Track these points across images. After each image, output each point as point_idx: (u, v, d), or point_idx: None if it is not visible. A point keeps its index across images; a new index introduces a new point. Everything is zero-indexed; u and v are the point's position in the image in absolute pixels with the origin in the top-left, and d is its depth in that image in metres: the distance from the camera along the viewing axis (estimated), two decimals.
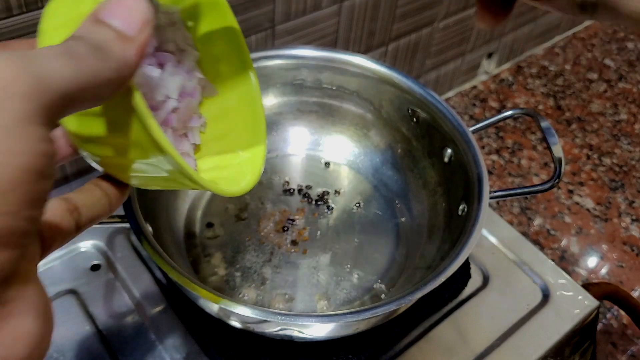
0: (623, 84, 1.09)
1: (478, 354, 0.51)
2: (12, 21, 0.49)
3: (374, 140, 0.62)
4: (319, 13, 0.70)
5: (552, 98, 1.04)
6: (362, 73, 0.58)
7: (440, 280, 0.41)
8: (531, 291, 0.57)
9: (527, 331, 0.53)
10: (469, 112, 0.99)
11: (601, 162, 0.93)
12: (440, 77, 0.98)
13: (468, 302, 0.55)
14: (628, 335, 0.72)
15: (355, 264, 0.54)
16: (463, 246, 0.44)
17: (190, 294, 0.43)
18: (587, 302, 0.56)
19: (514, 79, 1.07)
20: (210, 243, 0.54)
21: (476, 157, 0.50)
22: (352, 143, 0.63)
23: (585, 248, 0.80)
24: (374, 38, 0.79)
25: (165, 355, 0.48)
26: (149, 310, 0.51)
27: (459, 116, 0.53)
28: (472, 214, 0.47)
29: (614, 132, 0.99)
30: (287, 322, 0.39)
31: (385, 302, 0.40)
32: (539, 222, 0.83)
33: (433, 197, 0.56)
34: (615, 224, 0.84)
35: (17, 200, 0.17)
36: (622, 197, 0.88)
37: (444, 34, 0.89)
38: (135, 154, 0.26)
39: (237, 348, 0.48)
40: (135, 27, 0.22)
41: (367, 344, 0.49)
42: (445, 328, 0.53)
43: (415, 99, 0.56)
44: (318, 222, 0.57)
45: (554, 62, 1.12)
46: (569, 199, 0.87)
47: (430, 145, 0.56)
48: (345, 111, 0.62)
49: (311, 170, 0.62)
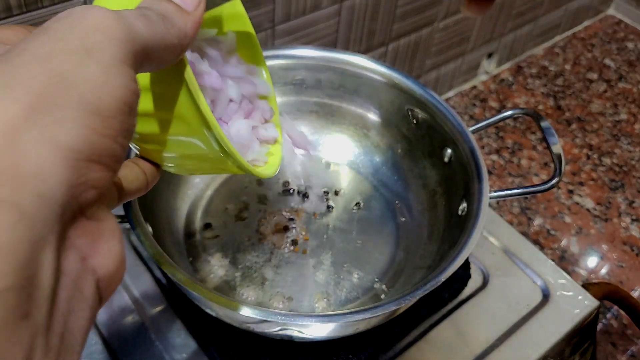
0: (623, 84, 1.09)
1: (478, 354, 0.51)
2: (12, 21, 0.49)
3: (374, 140, 0.62)
4: (318, 13, 0.70)
5: (552, 98, 1.04)
6: (362, 73, 0.58)
7: (440, 280, 0.41)
8: (531, 291, 0.57)
9: (527, 331, 0.53)
10: (469, 112, 0.99)
11: (601, 162, 0.93)
12: (440, 77, 0.98)
13: (468, 302, 0.55)
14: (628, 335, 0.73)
15: (355, 264, 0.54)
16: (463, 246, 0.44)
17: (190, 294, 0.43)
18: (587, 302, 0.56)
19: (514, 79, 1.07)
20: (210, 243, 0.54)
21: (476, 157, 0.50)
22: (352, 143, 0.63)
23: (585, 248, 0.80)
24: (374, 38, 0.79)
25: (165, 355, 0.48)
26: (149, 310, 0.51)
27: (459, 116, 0.53)
28: (472, 214, 0.47)
29: (614, 132, 0.99)
30: (287, 322, 0.39)
31: (385, 302, 0.40)
32: (539, 222, 0.83)
33: (433, 197, 0.56)
34: (615, 224, 0.84)
35: (116, 126, 0.20)
36: (622, 197, 0.88)
37: (444, 34, 0.89)
38: (178, 129, 0.28)
39: (237, 348, 0.48)
40: (192, 3, 0.25)
41: (367, 344, 0.49)
42: (445, 328, 0.53)
43: (415, 99, 0.56)
44: (318, 222, 0.57)
45: (554, 62, 1.12)
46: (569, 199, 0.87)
47: (430, 145, 0.56)
48: (345, 111, 0.62)
49: (311, 170, 0.62)
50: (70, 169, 0.18)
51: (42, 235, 0.17)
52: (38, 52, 0.19)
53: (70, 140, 0.18)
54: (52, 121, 0.18)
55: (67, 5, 0.50)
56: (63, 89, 0.18)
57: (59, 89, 0.18)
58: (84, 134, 0.19)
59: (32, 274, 0.16)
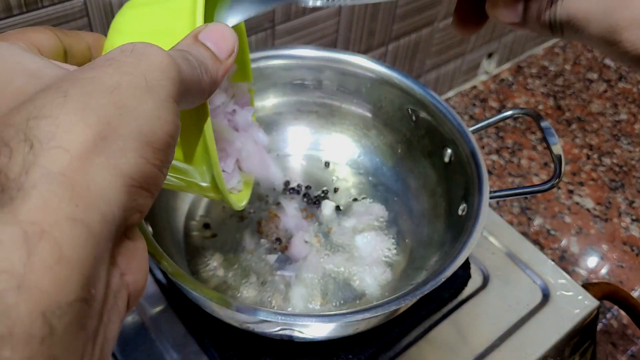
0: (623, 84, 1.09)
1: (478, 354, 0.51)
2: (12, 21, 0.49)
3: (374, 140, 0.62)
4: (319, 13, 0.70)
5: (552, 98, 1.04)
6: (362, 73, 0.58)
7: (440, 280, 0.41)
8: (531, 291, 0.57)
9: (527, 331, 0.53)
10: (469, 112, 0.99)
11: (601, 162, 0.93)
12: (440, 77, 0.98)
13: (468, 302, 0.55)
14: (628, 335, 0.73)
15: (354, 264, 0.53)
16: (463, 246, 0.44)
17: (190, 294, 0.43)
18: (587, 302, 0.56)
19: (514, 79, 1.07)
20: (210, 243, 0.54)
21: (476, 157, 0.50)
22: (352, 143, 0.63)
23: (585, 248, 0.80)
24: (374, 38, 0.79)
25: (165, 355, 0.48)
26: (149, 310, 0.51)
27: (459, 116, 0.53)
28: (472, 214, 0.47)
29: (614, 132, 0.99)
30: (287, 322, 0.39)
31: (385, 302, 0.40)
32: (539, 222, 0.83)
33: (433, 197, 0.56)
34: (615, 224, 0.84)
35: (162, 157, 0.22)
36: (622, 197, 0.88)
37: (444, 34, 0.89)
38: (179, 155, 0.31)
39: (237, 348, 0.48)
40: (226, 52, 0.27)
41: (367, 344, 0.49)
42: (445, 328, 0.53)
43: (415, 99, 0.56)
44: (318, 222, 0.57)
45: (554, 62, 1.12)
46: (569, 199, 0.87)
47: (430, 145, 0.56)
48: (345, 111, 0.62)
49: (311, 170, 0.62)
50: (126, 194, 0.20)
51: (101, 253, 0.19)
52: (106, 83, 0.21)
53: (129, 168, 0.20)
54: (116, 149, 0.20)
55: (66, 6, 0.50)
56: (126, 120, 0.20)
57: (123, 120, 0.20)
58: (139, 163, 0.20)
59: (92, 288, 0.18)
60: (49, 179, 0.18)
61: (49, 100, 0.20)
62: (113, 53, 0.22)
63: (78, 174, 0.18)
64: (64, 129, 0.19)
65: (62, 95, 0.20)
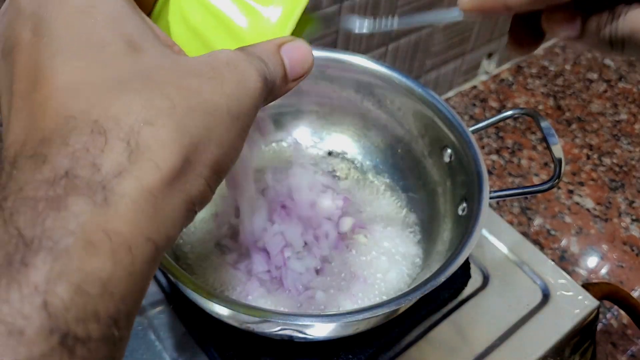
0: (623, 84, 1.09)
1: (478, 354, 0.51)
2: None
3: (374, 140, 0.62)
4: (318, 13, 0.70)
5: (552, 98, 1.04)
6: (362, 73, 0.58)
7: (440, 280, 0.41)
8: (531, 291, 0.57)
9: (527, 331, 0.53)
10: (469, 112, 0.99)
11: (601, 162, 0.93)
12: (440, 77, 0.98)
13: (468, 302, 0.55)
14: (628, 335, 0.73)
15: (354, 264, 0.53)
16: (463, 246, 0.44)
17: (190, 294, 0.43)
18: (587, 302, 0.56)
19: (514, 79, 1.07)
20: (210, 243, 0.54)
21: (476, 157, 0.50)
22: (352, 143, 0.63)
23: (585, 248, 0.80)
24: (374, 38, 0.79)
25: (165, 355, 0.48)
26: (149, 310, 0.51)
27: (459, 116, 0.53)
28: (472, 214, 0.47)
29: (614, 132, 0.99)
30: (287, 322, 0.39)
31: (385, 302, 0.40)
32: (539, 222, 0.83)
33: (433, 197, 0.56)
34: (615, 224, 0.84)
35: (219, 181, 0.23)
36: (622, 197, 0.88)
37: (444, 34, 0.89)
38: None
39: (237, 348, 0.48)
40: (296, 75, 0.26)
41: (367, 344, 0.49)
42: (445, 328, 0.53)
43: (415, 99, 0.56)
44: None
45: (554, 62, 1.12)
46: (569, 199, 0.87)
47: (430, 145, 0.56)
48: (345, 111, 0.62)
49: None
50: (186, 218, 0.22)
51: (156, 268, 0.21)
52: (209, 101, 0.21)
53: (195, 194, 0.21)
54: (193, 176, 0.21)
55: None
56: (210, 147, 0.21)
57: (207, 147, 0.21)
58: (204, 189, 0.22)
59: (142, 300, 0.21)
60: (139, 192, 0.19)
61: (156, 104, 0.20)
62: (217, 61, 0.23)
63: (161, 195, 0.20)
64: (161, 143, 0.20)
65: (169, 104, 0.20)
